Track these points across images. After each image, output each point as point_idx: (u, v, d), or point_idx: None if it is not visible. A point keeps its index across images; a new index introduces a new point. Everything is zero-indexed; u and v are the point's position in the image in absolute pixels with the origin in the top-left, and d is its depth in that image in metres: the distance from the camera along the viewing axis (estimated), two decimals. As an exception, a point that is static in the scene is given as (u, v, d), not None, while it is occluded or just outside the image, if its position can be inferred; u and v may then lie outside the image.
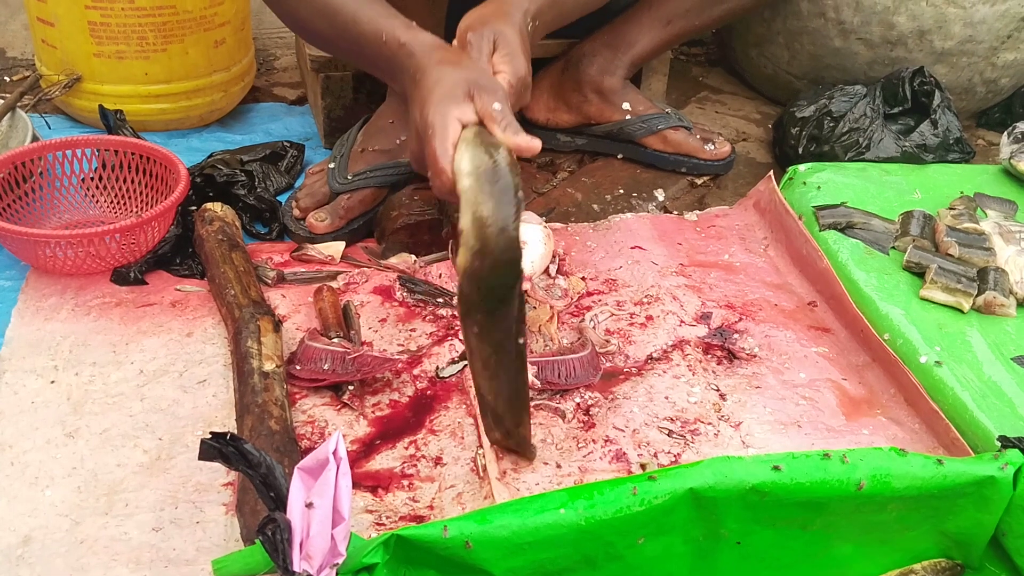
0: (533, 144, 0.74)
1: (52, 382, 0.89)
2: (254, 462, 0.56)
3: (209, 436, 0.56)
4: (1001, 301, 1.00)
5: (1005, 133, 1.29)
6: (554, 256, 1.11)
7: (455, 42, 0.88)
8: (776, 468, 0.67)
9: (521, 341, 0.73)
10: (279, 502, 0.56)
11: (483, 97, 0.75)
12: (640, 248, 1.16)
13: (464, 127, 0.75)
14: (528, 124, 1.36)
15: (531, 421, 0.83)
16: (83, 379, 0.90)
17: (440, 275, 1.07)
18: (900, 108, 1.35)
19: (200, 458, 0.57)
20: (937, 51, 1.39)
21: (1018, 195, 1.22)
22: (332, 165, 1.15)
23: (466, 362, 0.92)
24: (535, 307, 1.03)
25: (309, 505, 0.54)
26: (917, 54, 1.39)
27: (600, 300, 1.07)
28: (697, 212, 1.26)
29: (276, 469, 0.56)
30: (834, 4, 1.39)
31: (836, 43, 1.42)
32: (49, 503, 0.77)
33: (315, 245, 1.10)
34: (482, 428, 0.85)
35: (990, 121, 1.60)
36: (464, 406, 0.90)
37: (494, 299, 0.70)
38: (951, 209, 1.14)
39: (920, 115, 1.34)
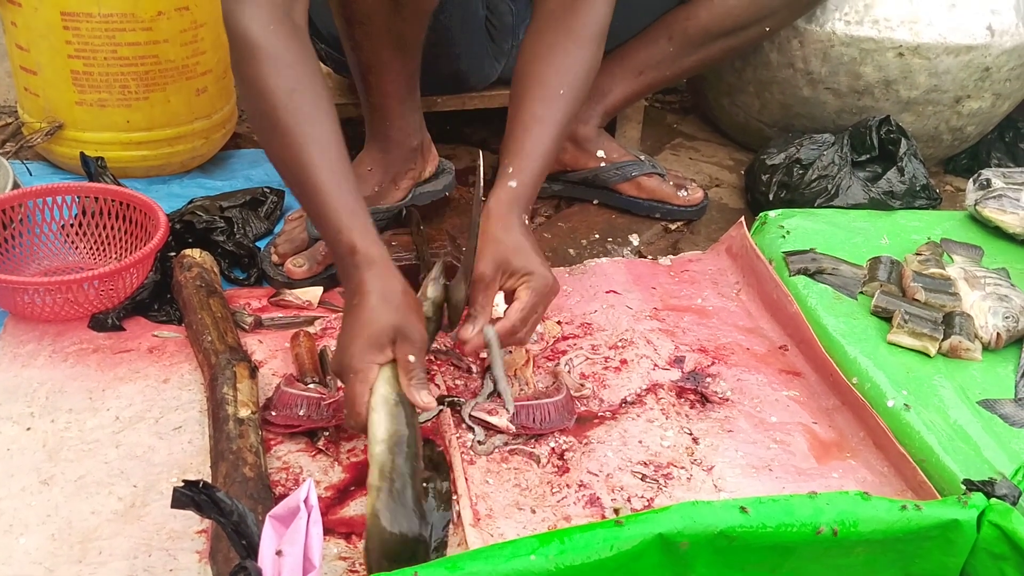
0: (429, 405, 0.81)
1: (28, 429, 0.89)
2: (226, 510, 0.56)
3: (181, 484, 0.57)
4: (967, 345, 1.02)
5: (971, 180, 1.32)
6: (530, 301, 1.12)
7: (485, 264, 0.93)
8: (743, 511, 0.68)
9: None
10: (250, 550, 0.56)
11: (403, 346, 0.81)
12: (615, 292, 1.18)
13: (381, 367, 0.81)
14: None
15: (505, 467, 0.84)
16: (59, 426, 0.90)
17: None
18: (868, 156, 1.38)
19: (172, 506, 0.57)
20: (903, 100, 1.43)
21: (984, 240, 1.25)
22: (311, 212, 1.17)
23: (442, 407, 0.94)
24: (511, 351, 1.04)
25: (279, 553, 0.55)
26: (884, 103, 1.43)
27: (575, 344, 1.08)
28: (671, 257, 1.28)
29: (248, 517, 0.57)
30: (803, 55, 1.43)
31: (805, 92, 1.46)
32: (23, 551, 0.77)
33: (293, 290, 1.11)
34: (456, 473, 0.86)
35: (957, 167, 1.64)
36: (439, 450, 0.91)
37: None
38: (918, 255, 1.17)
39: (887, 162, 1.38)
